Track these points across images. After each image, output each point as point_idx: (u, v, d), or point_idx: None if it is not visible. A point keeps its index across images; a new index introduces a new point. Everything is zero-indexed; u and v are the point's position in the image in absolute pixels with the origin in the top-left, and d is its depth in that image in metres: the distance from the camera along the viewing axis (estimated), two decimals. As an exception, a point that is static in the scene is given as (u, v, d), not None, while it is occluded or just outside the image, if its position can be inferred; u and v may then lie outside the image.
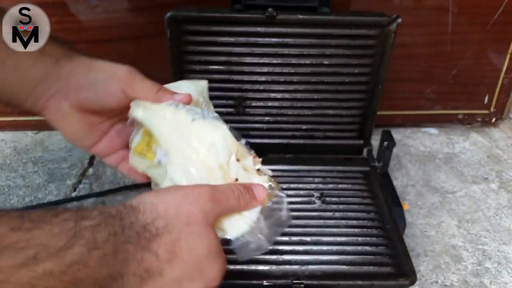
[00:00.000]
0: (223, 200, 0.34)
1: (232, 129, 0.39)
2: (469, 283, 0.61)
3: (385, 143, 0.66)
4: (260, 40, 0.62)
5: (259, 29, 0.61)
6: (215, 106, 0.68)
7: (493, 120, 0.91)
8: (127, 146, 0.43)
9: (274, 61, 0.64)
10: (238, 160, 0.39)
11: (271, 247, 0.42)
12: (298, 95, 0.67)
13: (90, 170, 0.78)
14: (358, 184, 0.65)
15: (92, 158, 0.81)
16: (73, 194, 0.73)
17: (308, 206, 0.62)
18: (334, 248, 0.55)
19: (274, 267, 0.52)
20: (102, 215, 0.27)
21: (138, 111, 0.39)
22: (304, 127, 0.70)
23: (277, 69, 0.65)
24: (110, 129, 0.43)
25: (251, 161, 0.40)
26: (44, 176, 0.77)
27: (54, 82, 0.38)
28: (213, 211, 0.33)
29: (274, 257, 0.53)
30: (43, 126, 0.87)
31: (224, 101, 0.67)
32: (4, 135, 0.86)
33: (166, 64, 0.63)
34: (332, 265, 0.53)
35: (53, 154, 0.82)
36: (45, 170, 0.78)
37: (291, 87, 0.67)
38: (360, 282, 0.51)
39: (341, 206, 0.61)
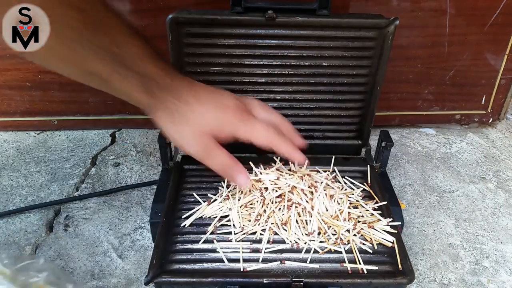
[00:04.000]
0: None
1: None
2: (467, 281, 0.62)
3: (383, 143, 0.67)
4: (260, 41, 0.63)
5: (259, 31, 0.62)
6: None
7: (490, 120, 0.92)
8: None
9: (274, 63, 0.65)
10: None
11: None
12: (298, 96, 0.68)
13: (93, 170, 0.79)
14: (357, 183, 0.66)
15: (94, 158, 0.82)
16: (76, 194, 0.74)
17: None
18: (333, 246, 0.55)
19: (273, 265, 0.53)
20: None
21: None
22: (303, 127, 0.71)
23: (277, 71, 0.65)
24: None
25: None
26: (47, 176, 0.77)
27: (159, 112, 0.47)
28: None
29: (274, 255, 0.54)
30: (45, 126, 0.88)
31: (224, 102, 0.68)
32: (7, 135, 0.87)
33: (167, 65, 0.63)
34: (331, 263, 0.54)
35: (56, 154, 0.82)
36: (47, 170, 0.79)
37: (290, 88, 0.67)
38: (358, 281, 0.51)
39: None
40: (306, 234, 0.56)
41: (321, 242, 0.55)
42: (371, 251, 0.55)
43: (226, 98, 0.49)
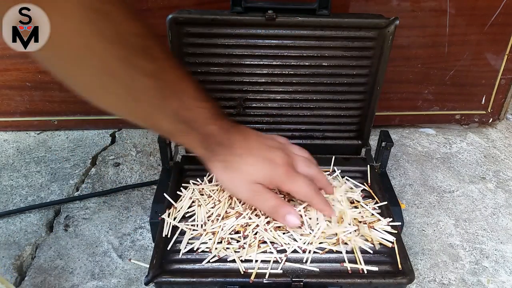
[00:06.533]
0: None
1: None
2: (467, 281, 0.62)
3: (383, 143, 0.67)
4: (260, 41, 0.63)
5: (259, 31, 0.62)
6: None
7: (490, 120, 0.92)
8: None
9: (274, 63, 0.65)
10: None
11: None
12: (298, 96, 0.68)
13: (93, 170, 0.79)
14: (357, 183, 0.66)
15: (94, 158, 0.82)
16: (76, 194, 0.74)
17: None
18: (333, 246, 0.55)
19: (273, 265, 0.53)
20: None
21: None
22: (303, 127, 0.71)
23: (277, 70, 0.65)
24: None
25: None
26: (47, 176, 0.77)
27: (215, 163, 0.52)
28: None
29: (274, 255, 0.54)
30: (45, 126, 0.88)
31: (224, 102, 0.68)
32: (7, 135, 0.87)
33: (167, 65, 0.63)
34: (331, 263, 0.54)
35: (56, 154, 0.83)
36: (47, 170, 0.79)
37: (290, 88, 0.67)
38: (358, 281, 0.51)
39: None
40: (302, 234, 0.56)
41: (321, 242, 0.55)
42: (371, 251, 0.55)
43: (275, 154, 0.53)
